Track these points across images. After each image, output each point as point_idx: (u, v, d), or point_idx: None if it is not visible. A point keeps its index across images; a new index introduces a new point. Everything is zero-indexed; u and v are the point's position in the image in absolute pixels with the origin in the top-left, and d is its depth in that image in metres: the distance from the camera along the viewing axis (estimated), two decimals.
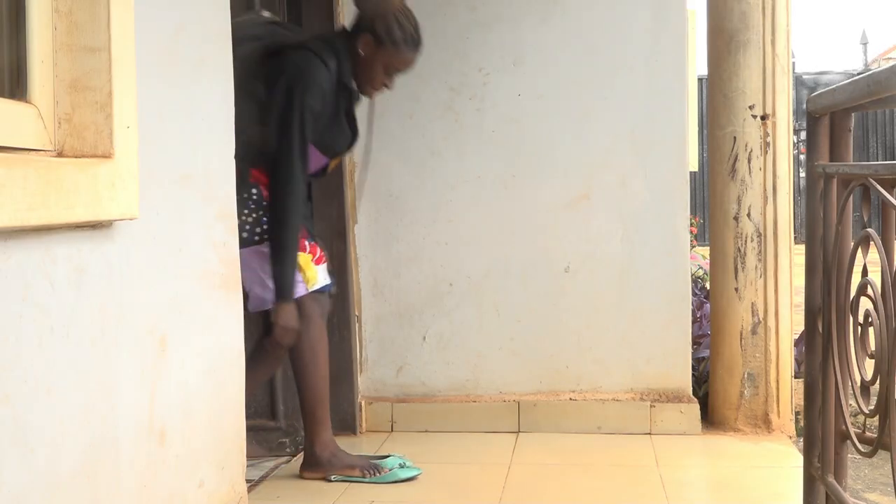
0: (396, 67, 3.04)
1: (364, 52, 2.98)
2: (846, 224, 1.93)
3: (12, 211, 1.43)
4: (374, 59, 2.99)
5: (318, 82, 2.91)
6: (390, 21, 2.96)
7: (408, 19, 3.00)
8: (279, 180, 2.90)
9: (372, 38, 2.96)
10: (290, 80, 2.89)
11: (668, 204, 3.66)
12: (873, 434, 1.79)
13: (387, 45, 2.97)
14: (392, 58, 3.00)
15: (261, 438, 3.29)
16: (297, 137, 2.89)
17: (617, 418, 3.62)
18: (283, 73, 2.90)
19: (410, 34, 3.00)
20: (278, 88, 2.90)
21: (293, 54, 2.93)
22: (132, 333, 1.83)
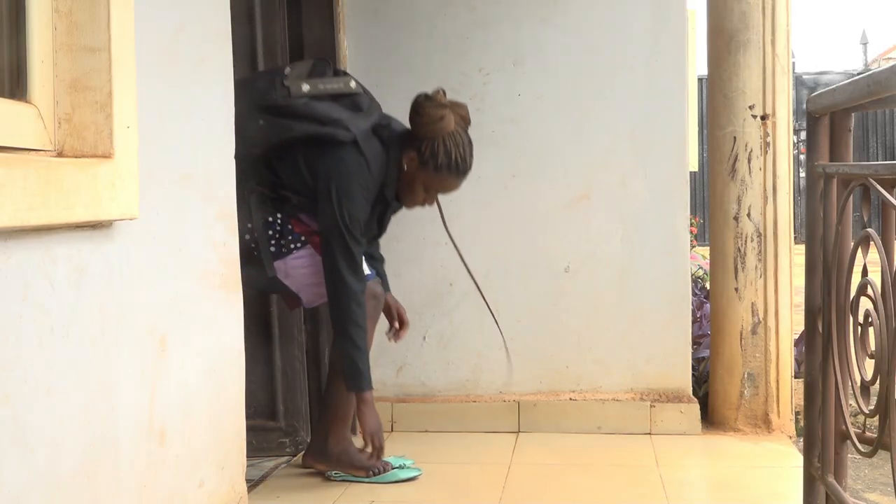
0: (437, 189, 3.01)
1: (407, 167, 2.95)
2: (846, 224, 1.93)
3: (12, 211, 1.43)
4: (416, 176, 2.96)
5: (358, 196, 2.88)
6: (438, 145, 2.91)
7: (457, 145, 2.94)
8: (336, 291, 2.88)
9: (417, 156, 2.93)
10: (334, 183, 2.85)
11: (668, 204, 3.66)
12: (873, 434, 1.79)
13: (429, 167, 2.94)
14: (433, 180, 2.97)
15: (261, 438, 3.29)
16: (343, 249, 2.86)
17: (617, 418, 3.62)
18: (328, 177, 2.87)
19: (456, 161, 2.94)
20: (322, 184, 2.87)
21: (341, 153, 2.89)
22: (132, 333, 1.83)
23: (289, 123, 2.88)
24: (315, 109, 2.90)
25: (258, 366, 3.27)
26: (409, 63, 3.74)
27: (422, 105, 2.92)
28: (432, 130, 2.91)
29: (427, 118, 2.91)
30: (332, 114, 2.91)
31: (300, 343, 3.35)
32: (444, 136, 2.92)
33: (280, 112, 2.89)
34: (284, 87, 2.89)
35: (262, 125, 2.87)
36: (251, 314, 2.89)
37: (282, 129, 2.88)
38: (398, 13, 3.75)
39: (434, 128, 2.91)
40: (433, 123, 2.91)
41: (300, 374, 3.34)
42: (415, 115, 2.93)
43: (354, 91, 3.00)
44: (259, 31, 3.28)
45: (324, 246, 2.89)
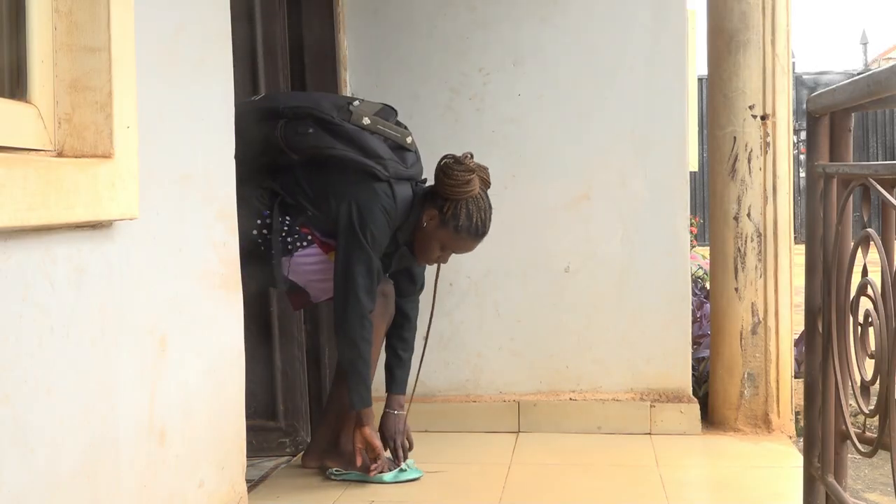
0: (453, 249, 3.06)
1: (426, 224, 2.99)
2: (846, 224, 1.93)
3: (12, 211, 1.43)
4: (434, 234, 3.00)
5: (376, 229, 2.91)
6: (460, 208, 2.96)
7: (479, 209, 2.98)
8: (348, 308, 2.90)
9: (438, 214, 2.97)
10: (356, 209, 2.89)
11: (668, 204, 3.66)
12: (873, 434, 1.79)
13: (449, 227, 2.98)
14: (451, 240, 3.01)
15: (261, 438, 3.29)
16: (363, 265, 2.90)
17: (617, 418, 3.62)
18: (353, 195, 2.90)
19: (476, 225, 2.98)
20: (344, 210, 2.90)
21: (375, 185, 2.93)
22: (132, 333, 1.83)
23: (334, 142, 2.93)
24: (365, 140, 2.94)
25: (258, 366, 3.26)
26: (409, 63, 3.74)
27: (451, 168, 2.95)
28: (458, 193, 2.96)
29: (455, 181, 2.95)
30: (378, 150, 2.96)
31: (300, 343, 3.36)
32: (468, 200, 2.96)
33: (331, 129, 2.93)
34: (348, 111, 2.95)
35: (311, 133, 2.92)
36: (251, 314, 2.89)
37: (326, 144, 2.92)
38: (398, 13, 3.75)
39: (460, 190, 2.95)
40: (460, 186, 2.95)
41: (300, 374, 3.35)
42: (443, 176, 2.96)
43: (408, 146, 3.04)
44: (259, 31, 3.28)
45: (342, 262, 2.91)
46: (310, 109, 2.93)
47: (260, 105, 3.00)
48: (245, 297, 2.41)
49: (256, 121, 2.92)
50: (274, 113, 2.94)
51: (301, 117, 2.93)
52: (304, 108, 2.93)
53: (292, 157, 2.94)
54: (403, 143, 3.03)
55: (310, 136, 2.92)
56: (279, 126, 2.92)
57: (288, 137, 2.92)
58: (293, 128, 2.93)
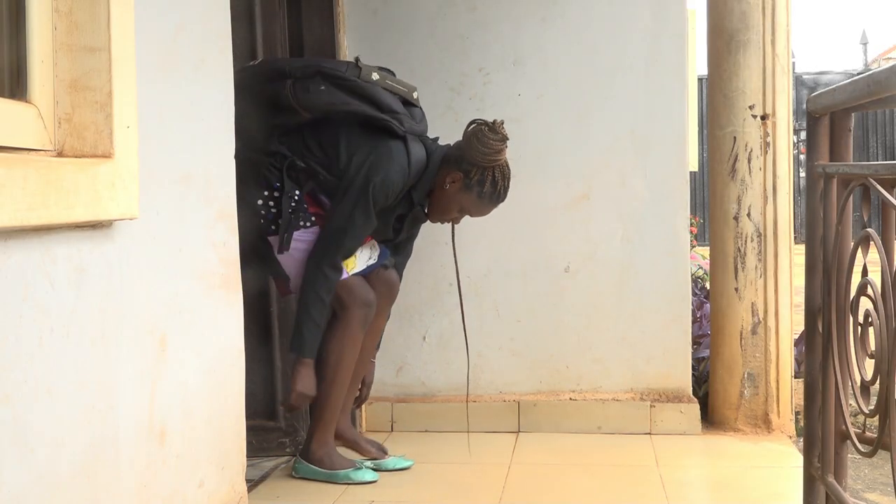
0: (471, 212, 3.09)
1: (448, 186, 3.01)
2: (846, 224, 1.93)
3: (12, 211, 1.43)
4: (455, 197, 3.03)
5: (391, 184, 2.92)
6: (487, 174, 2.99)
7: (504, 176, 3.02)
8: (321, 251, 2.92)
9: (462, 178, 2.99)
10: (370, 163, 2.90)
11: (668, 204, 3.66)
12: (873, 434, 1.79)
13: (472, 192, 3.01)
14: (472, 204, 3.04)
15: (261, 438, 3.29)
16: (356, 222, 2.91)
17: (617, 418, 3.62)
18: (371, 156, 2.91)
19: (499, 192, 3.03)
20: (358, 167, 2.91)
21: (390, 142, 2.94)
22: (132, 333, 1.83)
23: (348, 98, 2.93)
24: (379, 95, 2.95)
25: (258, 366, 3.26)
26: (409, 63, 3.74)
27: (486, 135, 2.97)
28: (488, 160, 2.98)
29: (489, 149, 2.97)
30: (392, 104, 2.97)
31: None
32: (495, 167, 2.99)
33: (344, 86, 2.93)
34: (357, 67, 2.95)
35: (323, 90, 2.91)
36: (251, 314, 2.90)
37: (341, 101, 2.92)
38: (398, 13, 3.75)
39: (491, 158, 2.98)
40: (492, 154, 2.98)
41: None
42: (475, 141, 2.97)
43: (415, 102, 3.07)
44: (259, 31, 3.28)
45: (338, 215, 2.91)
46: (318, 67, 2.93)
47: (261, 68, 2.98)
48: (245, 297, 2.41)
49: (262, 82, 2.91)
50: (280, 73, 2.92)
51: (309, 76, 2.92)
52: (312, 66, 2.93)
53: (304, 115, 2.92)
54: (411, 98, 3.04)
55: (322, 92, 2.91)
56: (287, 85, 2.90)
57: (299, 96, 2.90)
58: (304, 86, 2.91)
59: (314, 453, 3.05)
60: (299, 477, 3.07)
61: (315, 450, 3.05)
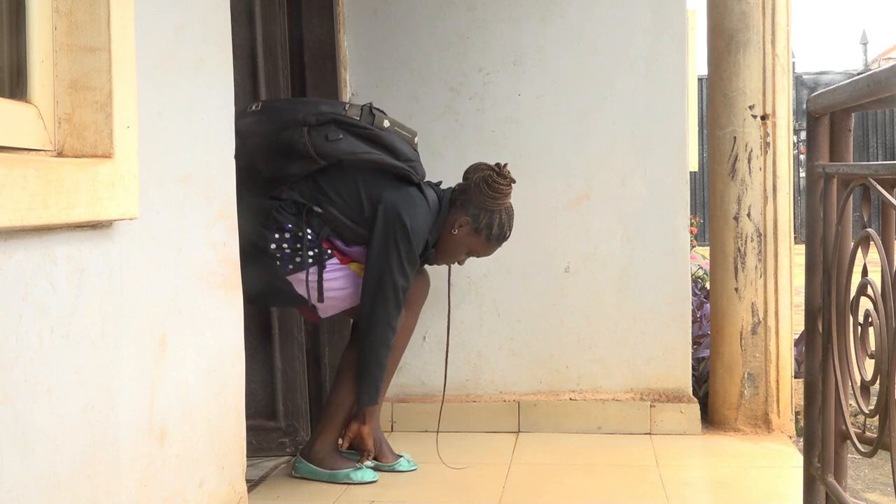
0: (478, 253, 3.13)
1: (456, 231, 3.05)
2: (846, 224, 1.93)
3: (12, 211, 1.43)
4: (463, 241, 3.07)
5: (420, 230, 2.96)
6: (495, 217, 3.04)
7: (509, 217, 3.08)
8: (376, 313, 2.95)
9: (470, 222, 3.04)
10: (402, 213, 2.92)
11: (668, 204, 3.66)
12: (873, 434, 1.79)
13: (481, 236, 3.06)
14: (480, 246, 3.09)
15: (261, 438, 3.29)
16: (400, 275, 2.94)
17: (617, 418, 3.62)
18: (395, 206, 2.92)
19: (505, 233, 3.09)
20: (387, 212, 2.93)
21: (410, 189, 2.98)
22: (132, 333, 1.83)
23: (368, 147, 2.95)
24: (396, 143, 2.98)
25: (258, 366, 3.27)
26: (409, 63, 3.74)
27: (495, 181, 3.02)
28: (497, 204, 3.04)
29: (499, 193, 3.02)
30: (407, 152, 3.00)
31: (300, 343, 3.35)
32: (501, 211, 3.05)
33: (362, 135, 2.95)
34: (371, 114, 2.97)
35: (341, 139, 2.92)
36: (251, 314, 2.90)
37: (362, 150, 2.94)
38: (398, 13, 3.75)
39: (499, 202, 3.04)
40: (500, 198, 3.03)
41: (300, 374, 3.34)
42: (486, 187, 3.02)
43: (415, 147, 3.09)
44: (259, 31, 3.28)
45: (378, 267, 2.93)
46: (333, 115, 2.93)
47: (271, 115, 2.96)
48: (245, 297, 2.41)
49: (275, 131, 2.91)
50: (294, 121, 2.91)
51: (324, 123, 2.92)
52: (327, 115, 2.93)
53: (319, 163, 2.92)
54: (413, 144, 3.06)
55: (341, 141, 2.91)
56: (304, 133, 2.89)
57: (317, 145, 2.89)
58: (321, 134, 2.91)
59: (316, 454, 3.06)
60: (299, 476, 3.07)
61: (318, 450, 3.06)
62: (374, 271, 2.94)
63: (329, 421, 3.08)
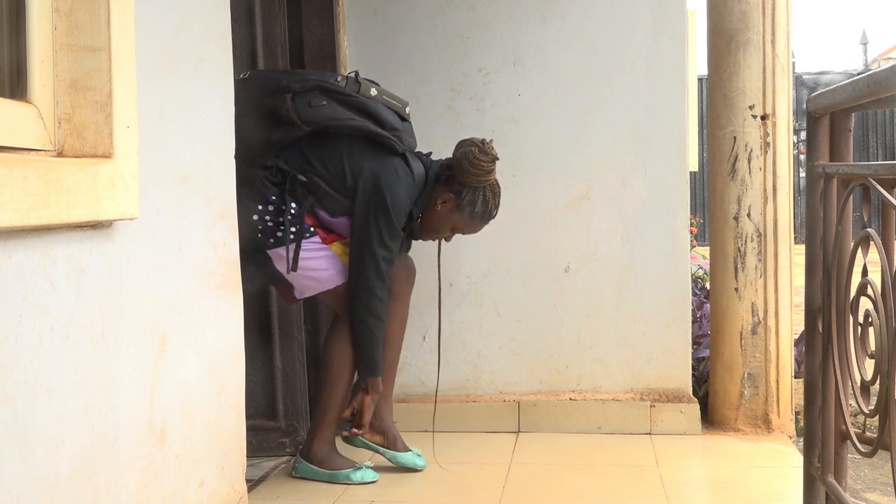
0: (462, 231, 3.11)
1: (440, 207, 3.04)
2: (846, 224, 1.93)
3: (12, 211, 1.43)
4: (447, 217, 3.06)
5: (401, 201, 2.94)
6: (478, 195, 3.01)
7: (494, 195, 3.05)
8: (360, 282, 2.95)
9: (454, 199, 3.02)
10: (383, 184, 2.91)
11: (668, 204, 3.66)
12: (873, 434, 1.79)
13: (464, 213, 3.03)
14: (463, 223, 3.07)
15: (261, 438, 3.29)
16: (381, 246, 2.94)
17: (617, 418, 3.62)
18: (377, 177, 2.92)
19: (490, 210, 3.05)
20: (369, 183, 2.92)
21: (393, 160, 2.96)
22: (132, 333, 1.83)
23: (351, 114, 2.93)
24: (380, 111, 2.97)
25: (258, 366, 3.27)
26: (409, 63, 3.74)
27: (476, 158, 2.98)
28: (479, 181, 3.00)
29: (480, 170, 2.99)
30: (393, 122, 2.99)
31: (300, 343, 3.36)
32: (485, 188, 3.02)
33: (345, 101, 2.94)
34: (356, 82, 2.96)
35: (325, 105, 2.91)
36: (251, 314, 2.90)
37: (346, 116, 2.93)
38: (398, 13, 3.75)
39: (481, 179, 3.00)
40: (483, 175, 3.00)
41: (300, 374, 3.35)
42: (467, 164, 2.99)
43: (407, 117, 3.08)
44: (259, 31, 3.28)
45: (361, 238, 2.93)
46: (318, 81, 2.92)
47: (257, 80, 2.97)
48: (245, 297, 2.41)
49: (259, 96, 2.90)
50: (278, 87, 2.91)
51: (309, 90, 2.91)
52: (311, 81, 2.92)
53: (303, 129, 2.91)
54: (403, 114, 3.05)
55: (324, 107, 2.91)
56: (287, 99, 2.89)
57: (300, 111, 2.89)
58: (304, 101, 2.90)
59: (315, 453, 3.06)
60: (299, 476, 3.07)
61: (316, 450, 3.06)
62: (355, 243, 2.95)
63: (322, 419, 3.07)
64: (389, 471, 3.14)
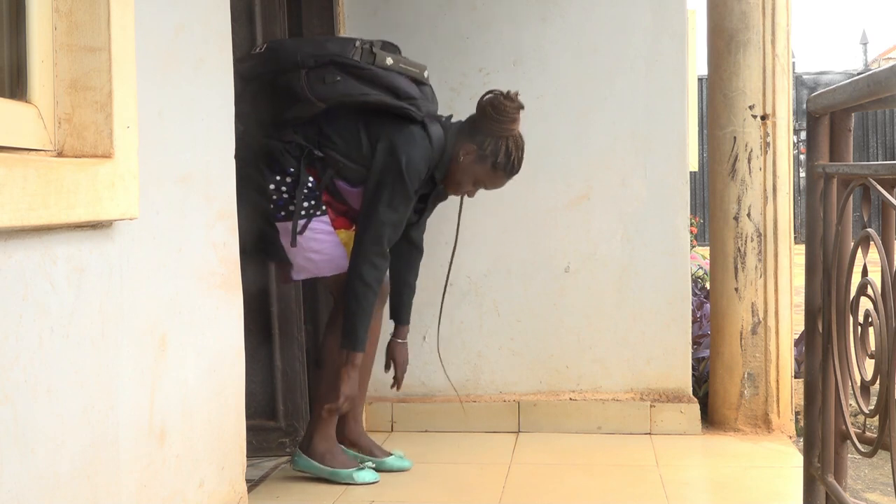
0: (485, 184, 3.08)
1: (463, 158, 3.00)
2: (846, 224, 1.93)
3: (12, 211, 1.43)
4: (469, 169, 3.02)
5: (417, 166, 2.92)
6: (501, 145, 2.98)
7: (518, 147, 3.01)
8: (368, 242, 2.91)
9: (476, 149, 2.98)
10: (399, 150, 2.89)
11: (668, 204, 3.66)
12: (873, 434, 1.79)
13: (486, 164, 3.00)
14: (486, 176, 3.03)
15: (261, 438, 3.29)
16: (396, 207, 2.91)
17: (617, 418, 3.62)
18: (394, 144, 2.90)
19: (513, 163, 3.01)
20: (384, 156, 2.90)
21: (411, 127, 2.94)
22: (132, 333, 1.83)
23: (366, 88, 2.91)
24: (396, 82, 2.94)
25: (258, 366, 3.27)
26: None
27: (502, 103, 2.95)
28: (503, 130, 2.97)
29: (504, 117, 2.95)
30: (409, 91, 2.96)
31: (300, 343, 3.36)
32: (509, 139, 2.98)
33: (359, 75, 2.91)
34: (371, 54, 2.93)
35: (339, 81, 2.89)
36: (251, 314, 2.90)
37: (359, 91, 2.91)
38: (398, 13, 3.75)
39: (505, 127, 2.96)
40: (507, 123, 2.96)
41: (300, 374, 3.35)
42: (491, 110, 2.96)
43: (426, 81, 3.05)
44: (259, 31, 3.28)
45: (373, 205, 2.90)
46: (331, 56, 2.90)
47: (270, 55, 2.95)
48: (245, 297, 2.41)
49: (274, 73, 2.89)
50: (292, 64, 2.89)
51: (322, 65, 2.90)
52: (325, 56, 2.90)
53: (318, 106, 2.90)
54: (422, 78, 3.03)
55: (338, 83, 2.89)
56: (301, 76, 2.88)
57: (314, 87, 2.88)
58: (318, 77, 2.89)
59: (316, 447, 3.04)
60: (298, 470, 3.06)
61: (317, 444, 3.04)
62: (364, 208, 2.93)
63: (322, 414, 3.05)
64: (390, 471, 3.14)
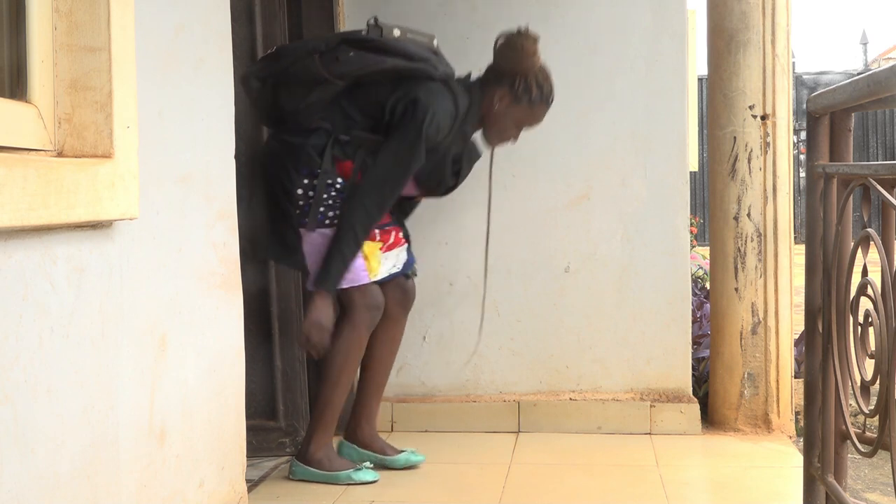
0: (527, 123, 3.09)
1: (499, 106, 3.01)
2: (846, 224, 1.93)
3: (12, 211, 1.43)
4: (508, 113, 3.02)
5: (441, 118, 2.91)
6: (531, 80, 2.98)
7: (546, 77, 3.02)
8: (367, 186, 2.89)
9: (509, 93, 2.99)
10: (419, 105, 2.88)
11: (668, 204, 3.66)
12: (873, 434, 1.79)
13: (522, 103, 3.01)
14: (525, 114, 3.04)
15: (261, 438, 3.29)
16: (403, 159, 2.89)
17: (617, 418, 3.62)
18: (414, 97, 2.89)
19: (547, 93, 3.02)
20: (403, 108, 2.89)
21: (430, 83, 2.94)
22: (132, 333, 1.83)
23: (381, 57, 2.92)
24: (407, 46, 2.96)
25: (258, 366, 3.27)
26: None
27: (518, 41, 2.95)
28: (527, 65, 2.97)
29: (524, 53, 2.95)
30: (421, 52, 2.97)
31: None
32: (536, 70, 2.99)
33: (370, 47, 2.93)
34: (377, 27, 2.96)
35: (353, 56, 2.90)
36: (251, 314, 2.90)
37: (374, 61, 2.91)
38: (398, 13, 3.74)
39: (529, 62, 2.96)
40: (528, 57, 2.96)
41: (300, 374, 3.35)
42: (508, 50, 2.96)
43: (436, 50, 3.06)
44: (259, 31, 3.28)
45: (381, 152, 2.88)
46: (341, 36, 2.93)
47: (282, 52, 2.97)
48: (245, 296, 2.41)
49: (287, 66, 2.90)
50: (305, 51, 2.91)
51: (334, 46, 2.91)
52: (335, 37, 2.93)
53: (337, 85, 2.90)
54: (432, 47, 3.05)
55: (352, 58, 2.90)
56: (316, 59, 2.89)
57: (330, 66, 2.88)
58: (332, 56, 2.90)
59: (313, 455, 3.04)
60: (296, 480, 3.06)
61: (314, 451, 3.04)
62: (376, 156, 2.91)
63: (320, 419, 3.05)
64: (389, 471, 3.14)
